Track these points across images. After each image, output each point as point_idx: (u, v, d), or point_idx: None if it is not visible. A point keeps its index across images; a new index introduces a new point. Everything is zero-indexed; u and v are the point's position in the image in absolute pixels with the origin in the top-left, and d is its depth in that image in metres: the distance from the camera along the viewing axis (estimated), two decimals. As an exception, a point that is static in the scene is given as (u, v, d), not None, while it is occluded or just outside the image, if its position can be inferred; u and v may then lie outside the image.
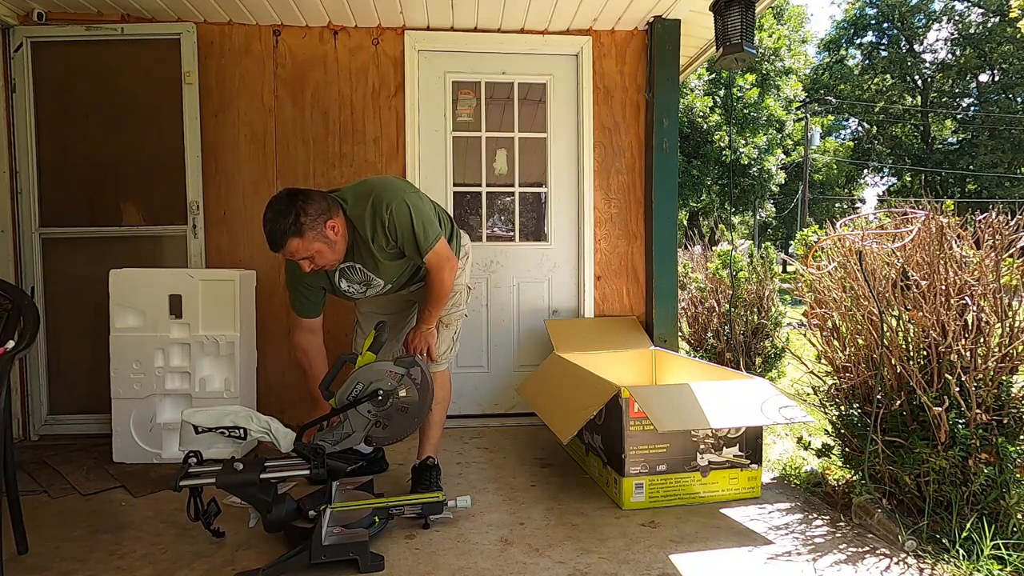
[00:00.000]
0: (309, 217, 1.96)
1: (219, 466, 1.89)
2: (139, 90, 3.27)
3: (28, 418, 3.22)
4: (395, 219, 2.06)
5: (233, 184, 3.34)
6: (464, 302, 2.49)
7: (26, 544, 1.96)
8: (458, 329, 2.49)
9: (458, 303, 2.45)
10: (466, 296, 2.51)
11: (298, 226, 1.94)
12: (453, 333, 2.46)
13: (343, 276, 2.23)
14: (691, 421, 2.20)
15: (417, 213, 2.09)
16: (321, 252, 2.02)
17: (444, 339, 2.41)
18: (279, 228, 1.93)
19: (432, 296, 2.24)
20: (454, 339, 2.47)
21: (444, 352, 2.42)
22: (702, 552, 1.95)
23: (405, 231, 2.08)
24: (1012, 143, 22.41)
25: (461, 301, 2.47)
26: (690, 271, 5.21)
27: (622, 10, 3.29)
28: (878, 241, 2.30)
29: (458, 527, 2.14)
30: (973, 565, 1.81)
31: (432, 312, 2.27)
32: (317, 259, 2.04)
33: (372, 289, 2.30)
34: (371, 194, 2.09)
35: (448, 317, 2.42)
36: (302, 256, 2.01)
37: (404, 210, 2.07)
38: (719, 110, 15.06)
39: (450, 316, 2.43)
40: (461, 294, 2.47)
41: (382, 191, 2.10)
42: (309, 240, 1.97)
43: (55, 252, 3.26)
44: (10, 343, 1.90)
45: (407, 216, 2.07)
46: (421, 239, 2.10)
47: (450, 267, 2.21)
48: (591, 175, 3.56)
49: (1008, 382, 2.04)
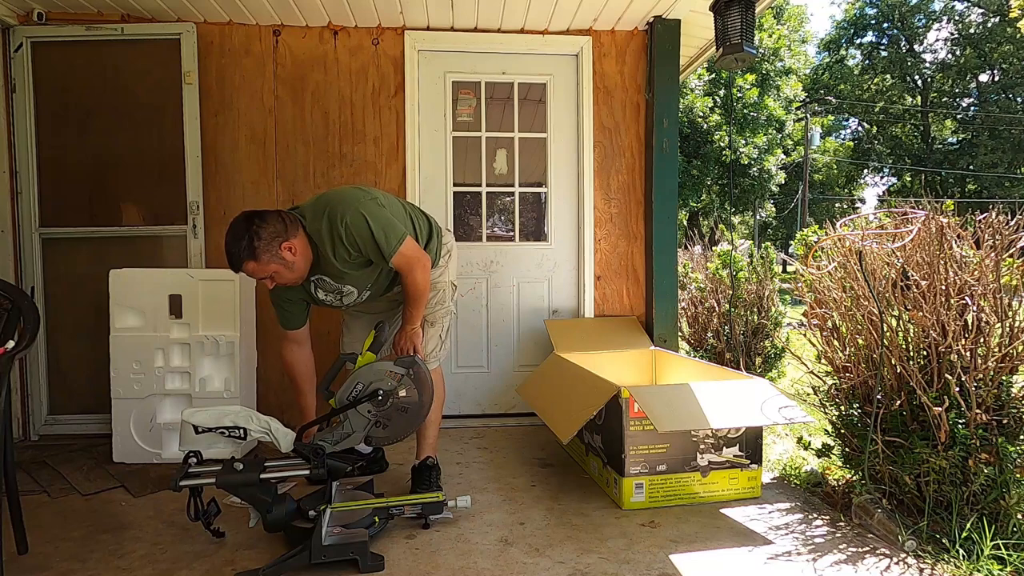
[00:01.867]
0: (263, 240, 2.01)
1: (219, 466, 1.89)
2: (139, 90, 3.27)
3: (28, 418, 3.22)
4: (352, 231, 2.08)
5: (233, 184, 3.35)
6: (449, 299, 2.49)
7: (26, 544, 1.96)
8: (445, 327, 2.47)
9: (442, 300, 2.45)
10: (451, 293, 2.50)
11: (252, 250, 2.00)
12: (440, 331, 2.45)
13: (319, 287, 2.27)
14: (691, 421, 2.20)
15: (374, 220, 2.10)
16: (278, 272, 2.07)
17: (431, 337, 2.41)
18: (234, 252, 2.01)
19: (409, 296, 2.24)
20: (442, 337, 2.46)
21: (432, 350, 2.41)
22: (702, 552, 1.95)
23: (365, 240, 2.10)
24: (1012, 143, 22.41)
25: (445, 299, 2.46)
26: (690, 271, 5.21)
27: (622, 10, 3.29)
28: (878, 241, 2.30)
29: (458, 527, 2.14)
30: (973, 565, 1.81)
31: (413, 312, 2.26)
32: (276, 279, 2.09)
33: (347, 298, 2.32)
34: (326, 209, 2.11)
35: (433, 315, 2.42)
36: (260, 277, 2.07)
37: (360, 220, 2.09)
38: (719, 110, 15.05)
39: (435, 314, 2.42)
40: (445, 291, 2.46)
41: (336, 205, 2.11)
42: (264, 263, 2.03)
43: (55, 252, 3.26)
44: (10, 343, 1.90)
45: (364, 226, 2.09)
46: (383, 244, 2.11)
47: (421, 266, 2.21)
48: (591, 175, 3.56)
49: (1008, 382, 2.04)
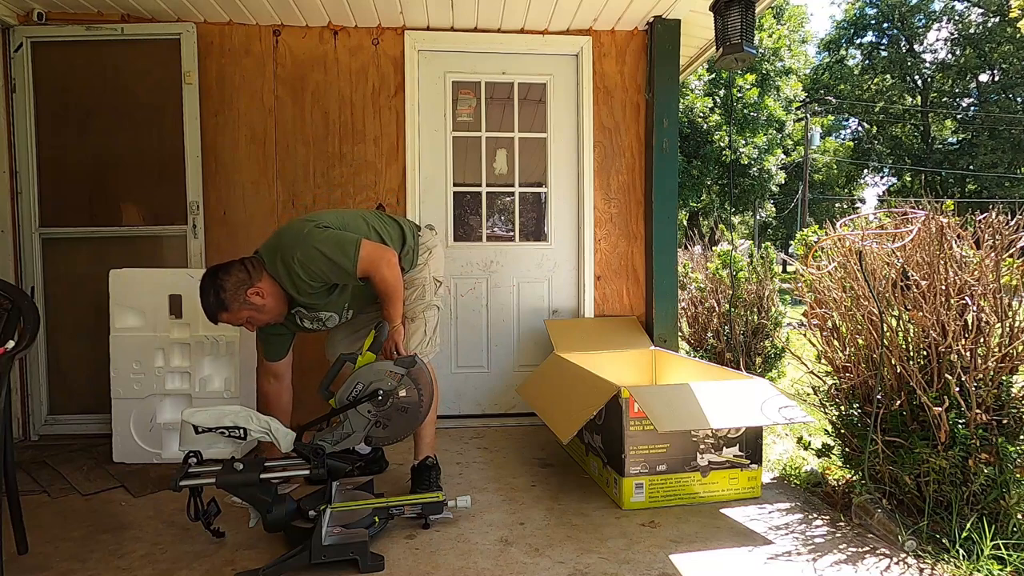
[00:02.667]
0: (227, 292, 2.08)
1: (219, 466, 1.89)
2: (139, 90, 3.27)
3: (28, 418, 3.22)
4: (307, 266, 2.10)
5: (233, 184, 3.35)
6: (431, 295, 2.44)
7: (26, 544, 1.96)
8: (429, 322, 2.42)
9: (422, 296, 2.42)
10: (434, 289, 2.46)
11: (220, 302, 2.08)
12: (423, 327, 2.40)
13: (303, 318, 2.32)
14: (691, 421, 2.20)
15: (324, 245, 2.10)
16: (253, 316, 2.14)
17: (415, 333, 2.37)
18: (206, 307, 2.10)
19: (382, 295, 2.23)
20: (426, 333, 2.41)
21: (416, 347, 2.35)
22: (702, 552, 1.95)
23: (324, 267, 2.11)
24: (1012, 143, 22.41)
25: (426, 294, 2.43)
26: (690, 271, 5.21)
27: (622, 10, 3.29)
28: (878, 241, 2.30)
29: (458, 527, 2.14)
30: (973, 565, 1.81)
31: (390, 310, 2.23)
32: (253, 322, 2.16)
33: (330, 322, 2.36)
34: (277, 251, 2.13)
35: (412, 311, 2.39)
36: (238, 323, 2.15)
37: (310, 252, 2.09)
38: (719, 110, 15.05)
39: (414, 310, 2.39)
40: (426, 287, 2.43)
41: (284, 246, 2.13)
42: (235, 311, 2.10)
43: (55, 252, 3.26)
44: (10, 343, 1.90)
45: (315, 255, 2.09)
46: (343, 262, 2.11)
47: (385, 262, 2.18)
48: (591, 175, 3.56)
49: (1008, 382, 2.04)
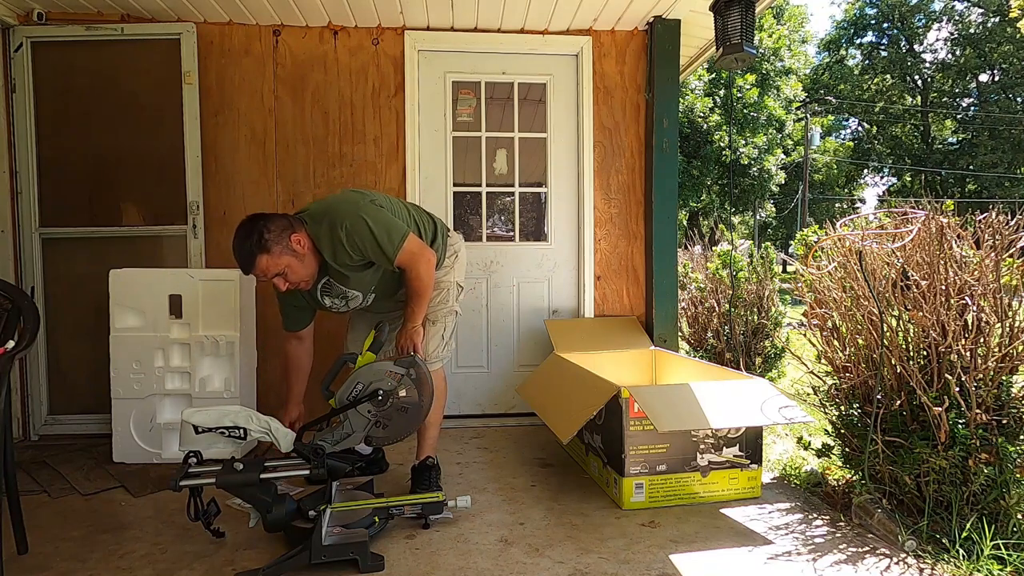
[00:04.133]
0: (273, 233, 2.01)
1: (219, 466, 1.89)
2: (139, 90, 3.27)
3: (28, 418, 3.22)
4: (353, 236, 2.08)
5: (233, 184, 3.35)
6: (453, 299, 2.46)
7: (26, 544, 1.96)
8: (448, 326, 2.45)
9: (445, 300, 2.43)
10: (456, 294, 2.48)
11: (263, 243, 1.99)
12: (443, 330, 2.42)
13: (324, 293, 2.27)
14: (691, 421, 2.20)
15: (375, 223, 2.10)
16: (291, 267, 2.06)
17: (433, 336, 2.39)
18: (246, 248, 1.99)
19: (412, 293, 2.22)
20: (444, 337, 2.43)
21: (434, 350, 2.39)
22: (702, 552, 1.95)
23: (367, 243, 2.10)
24: (1012, 143, 22.40)
25: (449, 298, 2.44)
26: (690, 271, 5.21)
27: (622, 10, 3.29)
28: (878, 241, 2.30)
29: (458, 527, 2.14)
30: (973, 565, 1.81)
31: (416, 310, 2.24)
32: (289, 275, 2.07)
33: (353, 302, 2.32)
34: (326, 215, 2.11)
35: (435, 314, 2.40)
36: (274, 273, 2.04)
37: (360, 225, 2.09)
38: (719, 110, 15.05)
39: (436, 313, 2.41)
40: (449, 291, 2.44)
41: (335, 210, 2.12)
42: (276, 255, 2.02)
43: (55, 252, 3.26)
44: (10, 343, 1.90)
45: (365, 230, 2.09)
46: (386, 245, 2.11)
47: (424, 261, 2.19)
48: (591, 175, 3.56)
49: (1008, 382, 2.04)
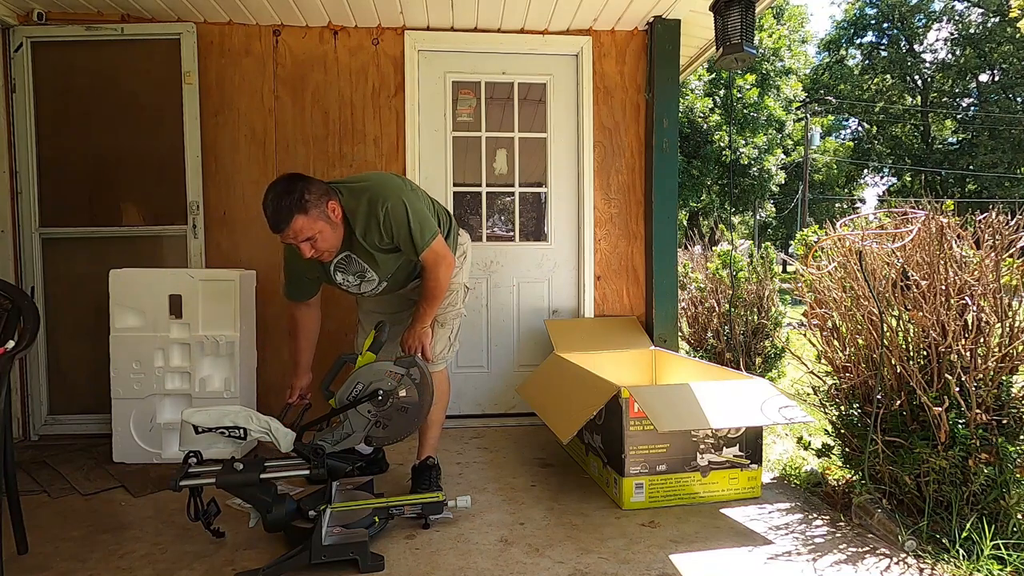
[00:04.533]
0: (313, 195, 1.97)
1: (219, 466, 1.89)
2: (139, 90, 3.27)
3: (28, 418, 3.22)
4: (391, 218, 2.07)
5: (233, 184, 3.34)
6: (461, 301, 2.48)
7: (26, 544, 1.96)
8: (455, 329, 2.47)
9: (454, 302, 2.44)
10: (463, 295, 2.49)
11: (303, 203, 1.94)
12: (450, 332, 2.44)
13: (338, 268, 2.23)
14: (691, 421, 2.20)
15: (414, 212, 2.10)
16: (323, 233, 2.01)
17: (440, 338, 2.40)
18: (284, 206, 1.93)
19: (427, 294, 2.23)
20: (451, 339, 2.45)
21: (441, 352, 2.40)
22: (702, 552, 1.95)
23: (401, 229, 2.09)
24: (1012, 143, 22.39)
25: (457, 300, 2.46)
26: (690, 271, 5.21)
27: (622, 10, 3.29)
28: (878, 241, 2.30)
29: (458, 527, 2.14)
30: (973, 565, 1.81)
31: (427, 311, 2.25)
32: (319, 241, 2.01)
33: (367, 284, 2.29)
34: (367, 191, 2.09)
35: (444, 316, 2.41)
36: (305, 237, 1.98)
37: (400, 209, 2.08)
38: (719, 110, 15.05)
39: (446, 315, 2.41)
40: (458, 293, 2.45)
41: (379, 189, 2.10)
42: (313, 218, 1.97)
43: (55, 252, 3.26)
44: (10, 343, 1.90)
45: (403, 215, 2.08)
46: (417, 237, 2.11)
47: (446, 265, 2.21)
48: (591, 175, 3.56)
49: (1008, 382, 2.04)
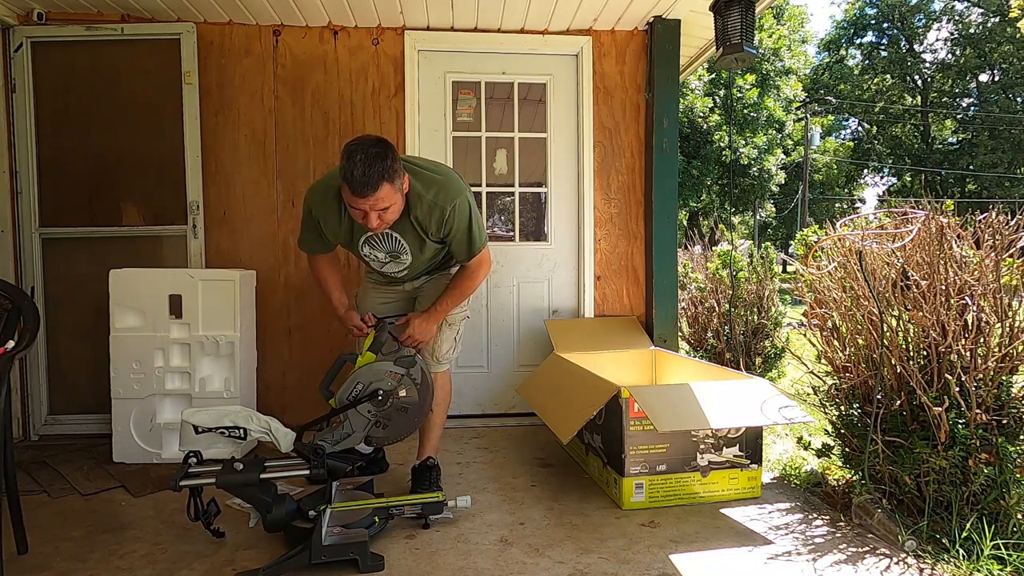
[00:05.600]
0: (398, 164, 1.92)
1: (219, 466, 1.89)
2: (139, 90, 3.27)
3: (28, 418, 3.22)
4: (455, 216, 2.10)
5: (233, 184, 3.34)
6: (467, 304, 2.50)
7: (26, 544, 1.96)
8: (460, 330, 2.49)
9: (463, 305, 2.46)
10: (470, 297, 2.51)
11: (392, 172, 1.87)
12: (455, 334, 2.46)
13: (368, 242, 2.18)
14: (691, 421, 2.20)
15: (475, 218, 2.16)
16: (396, 205, 1.95)
17: (447, 339, 2.41)
18: (376, 170, 1.83)
19: (458, 291, 2.27)
20: (456, 340, 2.47)
21: (446, 352, 2.42)
22: (702, 552, 1.95)
23: (461, 230, 2.14)
24: (1012, 143, 22.40)
25: (466, 303, 2.48)
26: (690, 271, 5.21)
27: (622, 10, 3.29)
28: (878, 241, 2.30)
29: (458, 527, 2.14)
30: (973, 565, 1.81)
31: (448, 306, 2.28)
32: (389, 213, 1.94)
33: (394, 265, 2.27)
34: (439, 183, 2.09)
35: (453, 317, 2.42)
36: (384, 206, 1.90)
37: (466, 210, 2.13)
38: (719, 110, 15.05)
39: (454, 316, 2.43)
40: None
41: (452, 185, 2.12)
42: (396, 189, 1.91)
43: (55, 252, 3.26)
44: (10, 343, 1.90)
45: (467, 217, 2.13)
46: (477, 240, 2.17)
47: (484, 272, 2.29)
48: (591, 175, 3.56)
49: (1008, 382, 2.04)
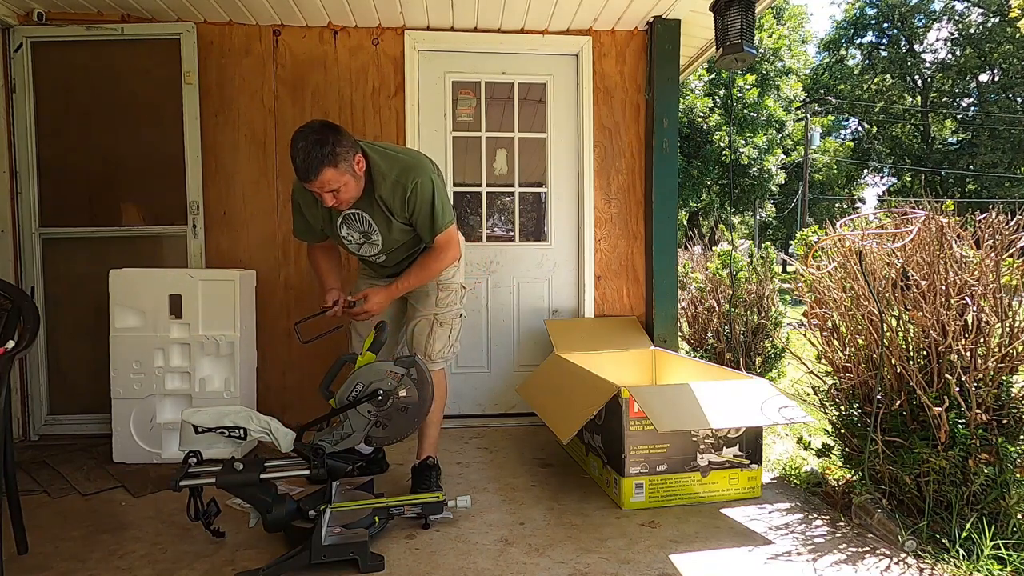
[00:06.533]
0: (343, 148, 1.99)
1: (219, 466, 1.89)
2: (139, 90, 3.27)
3: (28, 418, 3.22)
4: (417, 193, 2.12)
5: (233, 184, 3.34)
6: (459, 301, 2.48)
7: (26, 544, 1.96)
8: (455, 329, 2.46)
9: (452, 302, 2.44)
10: (460, 295, 2.49)
11: (334, 156, 1.96)
12: (449, 332, 2.44)
13: (345, 222, 2.25)
14: (691, 421, 2.20)
15: (439, 195, 2.16)
16: (348, 185, 2.04)
17: (440, 337, 2.40)
18: (315, 156, 1.93)
19: (421, 268, 2.24)
20: (450, 339, 2.45)
21: (439, 351, 2.40)
22: (702, 552, 1.95)
23: (424, 207, 2.14)
24: (1012, 143, 22.40)
25: (456, 300, 2.45)
26: (690, 271, 5.21)
27: (622, 10, 3.29)
28: (878, 241, 2.30)
29: (458, 527, 2.14)
30: (973, 565, 1.81)
31: (408, 283, 2.25)
32: (342, 192, 2.04)
33: (369, 248, 2.31)
34: (402, 162, 2.15)
35: (443, 315, 2.41)
36: (331, 188, 2.00)
37: (428, 187, 2.13)
38: (719, 110, 15.05)
39: (445, 315, 2.42)
40: (455, 293, 2.45)
41: (413, 163, 2.16)
42: (341, 171, 2.00)
43: (55, 252, 3.26)
44: (10, 343, 1.90)
45: (430, 193, 2.13)
46: (439, 217, 2.17)
47: (452, 253, 2.27)
48: (591, 175, 3.56)
49: (1008, 382, 2.04)
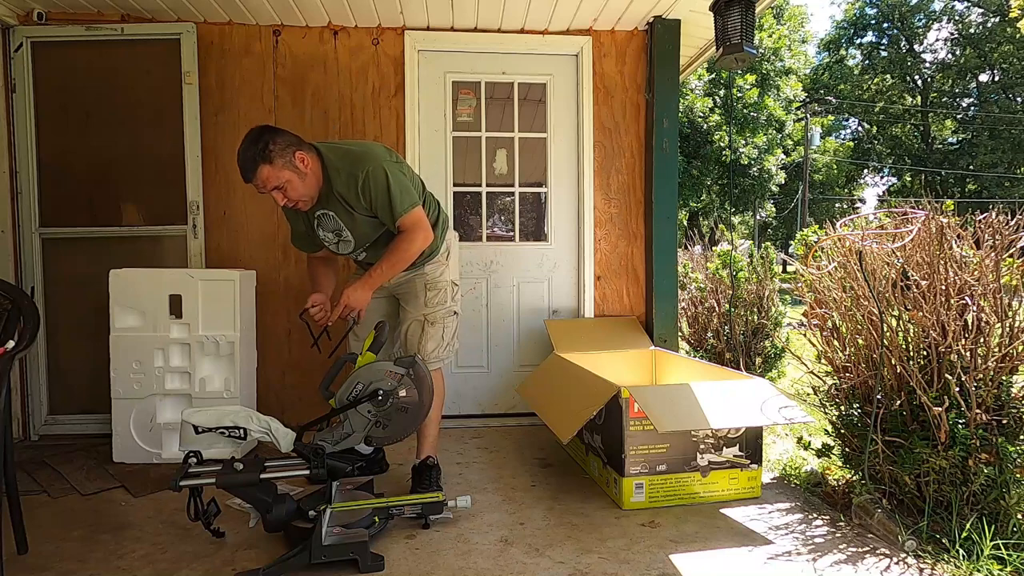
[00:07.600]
0: (278, 145, 2.06)
1: (219, 466, 1.89)
2: (139, 90, 3.27)
3: (28, 418, 3.22)
4: (370, 182, 2.13)
5: (233, 184, 3.34)
6: (450, 298, 2.44)
7: (26, 544, 1.96)
8: (448, 328, 2.43)
9: (443, 300, 2.41)
10: (451, 293, 2.44)
11: (267, 153, 2.04)
12: (442, 331, 2.41)
13: (320, 224, 2.30)
14: (691, 421, 2.20)
15: (394, 179, 2.15)
16: (291, 182, 2.09)
17: (431, 337, 2.38)
18: (249, 155, 2.04)
19: (390, 254, 2.17)
20: (444, 338, 2.42)
21: (432, 351, 2.38)
22: (702, 552, 1.95)
23: (380, 195, 2.14)
24: (1012, 143, 22.40)
25: (446, 298, 2.42)
26: (690, 271, 5.21)
27: (622, 10, 3.29)
28: (878, 241, 2.30)
29: (458, 527, 2.14)
30: (973, 565, 1.81)
31: (381, 271, 2.17)
32: (288, 190, 2.10)
33: (344, 245, 2.33)
34: (352, 154, 2.18)
35: (433, 315, 2.39)
36: (273, 186, 2.08)
37: (380, 175, 2.13)
38: (719, 110, 15.06)
39: (435, 314, 2.39)
40: (446, 291, 2.42)
41: (362, 154, 2.18)
42: (278, 168, 2.06)
43: (55, 252, 3.26)
44: (10, 343, 1.90)
45: (383, 181, 2.13)
46: (397, 203, 2.14)
47: (422, 235, 2.19)
48: (591, 175, 3.56)
49: (1008, 382, 2.04)
